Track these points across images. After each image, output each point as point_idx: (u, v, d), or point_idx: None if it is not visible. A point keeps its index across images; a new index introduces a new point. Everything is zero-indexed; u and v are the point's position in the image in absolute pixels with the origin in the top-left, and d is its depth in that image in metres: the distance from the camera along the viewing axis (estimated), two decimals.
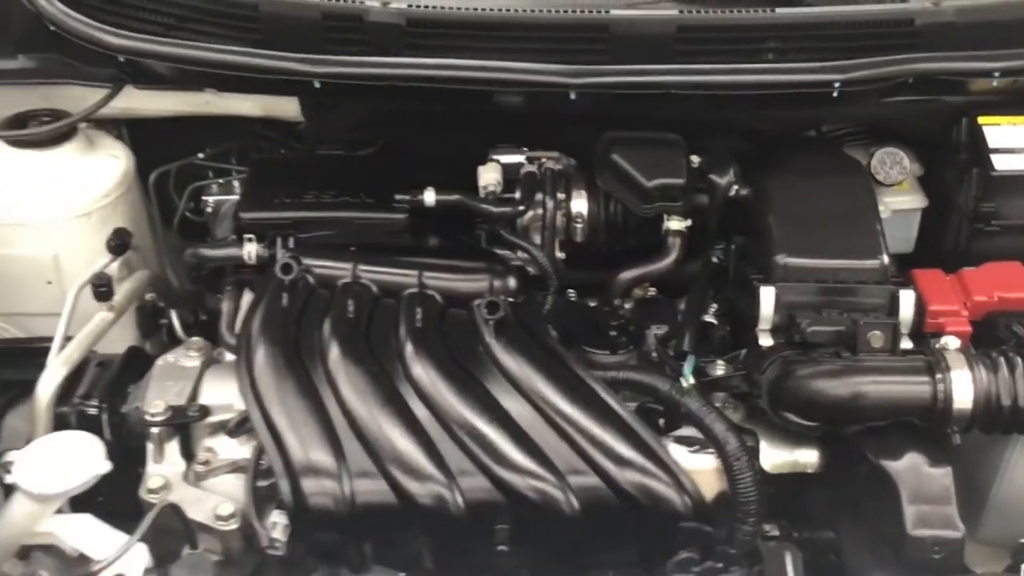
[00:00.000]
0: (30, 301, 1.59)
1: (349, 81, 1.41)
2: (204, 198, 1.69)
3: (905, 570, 1.17)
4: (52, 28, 1.51)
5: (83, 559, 1.19)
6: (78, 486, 1.17)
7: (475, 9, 1.41)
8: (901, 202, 1.56)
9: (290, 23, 1.42)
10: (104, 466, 1.19)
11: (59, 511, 1.22)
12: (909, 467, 1.20)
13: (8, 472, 1.19)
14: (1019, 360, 1.21)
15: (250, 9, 1.44)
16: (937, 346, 1.25)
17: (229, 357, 1.49)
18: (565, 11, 1.41)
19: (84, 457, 1.20)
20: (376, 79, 1.41)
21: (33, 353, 1.47)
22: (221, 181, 1.72)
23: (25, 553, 1.23)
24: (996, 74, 1.40)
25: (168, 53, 1.45)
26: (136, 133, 1.72)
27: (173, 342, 1.59)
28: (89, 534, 1.20)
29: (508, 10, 1.40)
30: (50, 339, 1.46)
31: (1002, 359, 1.21)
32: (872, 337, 1.23)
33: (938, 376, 1.20)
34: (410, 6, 1.41)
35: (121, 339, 1.55)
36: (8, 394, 1.42)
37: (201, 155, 1.72)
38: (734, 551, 1.16)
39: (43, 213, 1.56)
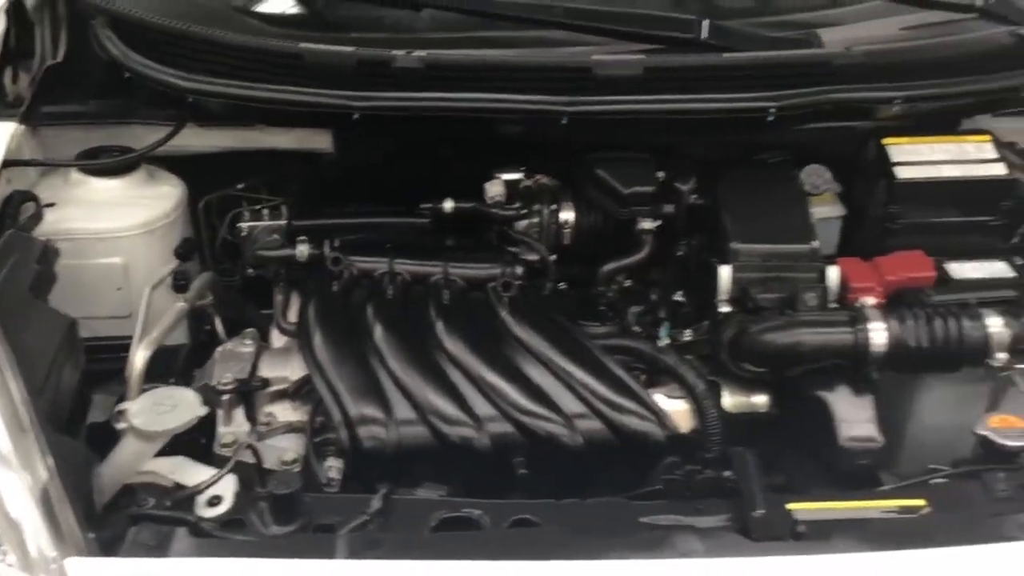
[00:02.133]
0: (101, 306, 1.84)
1: (382, 112, 1.73)
2: (239, 224, 1.98)
3: (839, 476, 1.49)
4: (127, 75, 1.82)
5: (179, 489, 1.45)
6: (181, 424, 1.44)
7: (483, 54, 1.76)
8: (824, 211, 1.91)
9: (331, 67, 1.75)
10: (202, 409, 1.46)
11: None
12: (839, 395, 1.53)
13: (123, 420, 1.46)
14: (922, 313, 1.56)
15: (295, 57, 1.77)
16: (857, 304, 1.59)
17: (277, 345, 1.79)
18: (559, 54, 1.77)
19: (184, 404, 1.47)
20: (403, 111, 1.73)
21: (108, 349, 1.74)
22: (256, 208, 2.01)
23: (126, 492, 1.49)
24: (896, 102, 1.78)
25: (232, 92, 1.76)
26: (186, 167, 2.02)
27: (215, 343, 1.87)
28: (185, 469, 1.48)
29: (512, 54, 1.75)
30: (120, 338, 1.75)
31: (908, 312, 1.56)
32: (807, 298, 1.57)
33: (859, 326, 1.54)
34: (429, 53, 1.76)
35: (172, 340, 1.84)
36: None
37: (240, 186, 2.03)
38: (709, 456, 1.47)
39: (115, 228, 1.85)
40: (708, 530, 1.26)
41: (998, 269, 1.75)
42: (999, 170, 1.82)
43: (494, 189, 1.81)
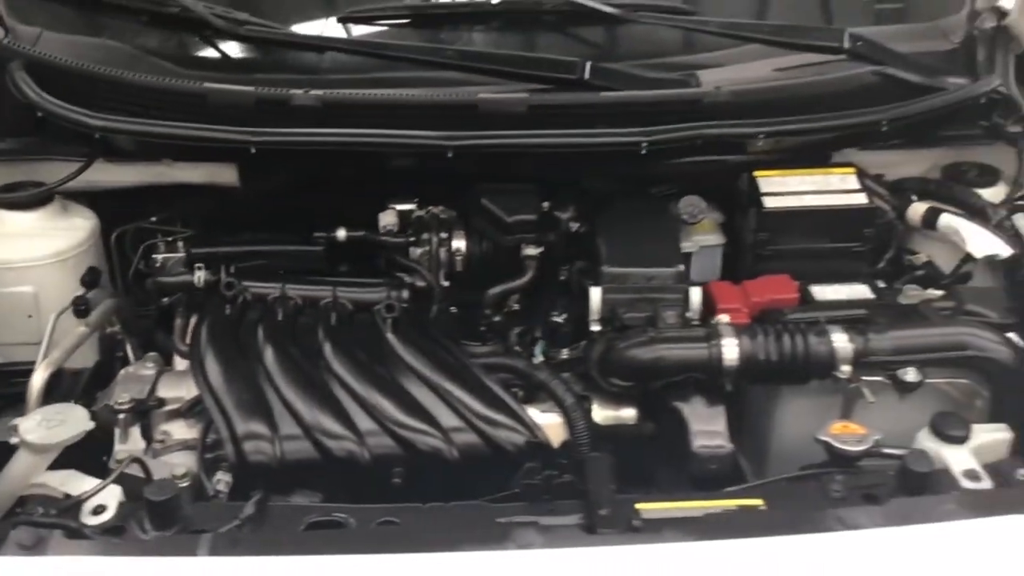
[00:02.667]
0: (13, 333, 1.94)
1: (278, 147, 1.84)
2: (154, 256, 2.08)
3: (692, 480, 1.59)
4: (40, 114, 1.92)
5: (68, 499, 1.53)
6: (71, 437, 1.52)
7: (376, 93, 1.88)
8: (705, 240, 2.02)
9: (232, 105, 1.86)
10: (89, 424, 1.55)
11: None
12: (693, 406, 1.63)
13: (15, 435, 1.54)
14: (773, 329, 1.67)
15: (200, 96, 1.88)
16: (713, 322, 1.70)
17: (180, 367, 1.87)
18: (448, 93, 1.89)
19: (73, 419, 1.55)
20: (300, 145, 1.84)
21: (21, 374, 1.83)
22: (169, 240, 2.11)
23: (20, 504, 1.56)
24: (761, 137, 1.91)
25: (136, 129, 1.86)
26: (99, 201, 2.11)
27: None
28: (75, 481, 1.55)
29: (402, 93, 1.87)
30: (32, 364, 1.83)
31: (760, 329, 1.67)
32: (666, 316, 1.68)
33: (713, 342, 1.65)
34: (325, 92, 1.88)
35: (85, 361, 1.92)
36: None
37: (153, 219, 2.12)
38: (565, 462, 1.57)
39: (27, 258, 1.94)
40: (552, 526, 1.35)
41: (858, 291, 1.87)
42: (860, 199, 1.95)
43: (387, 219, 1.92)
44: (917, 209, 2.01)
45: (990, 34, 2.11)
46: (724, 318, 1.71)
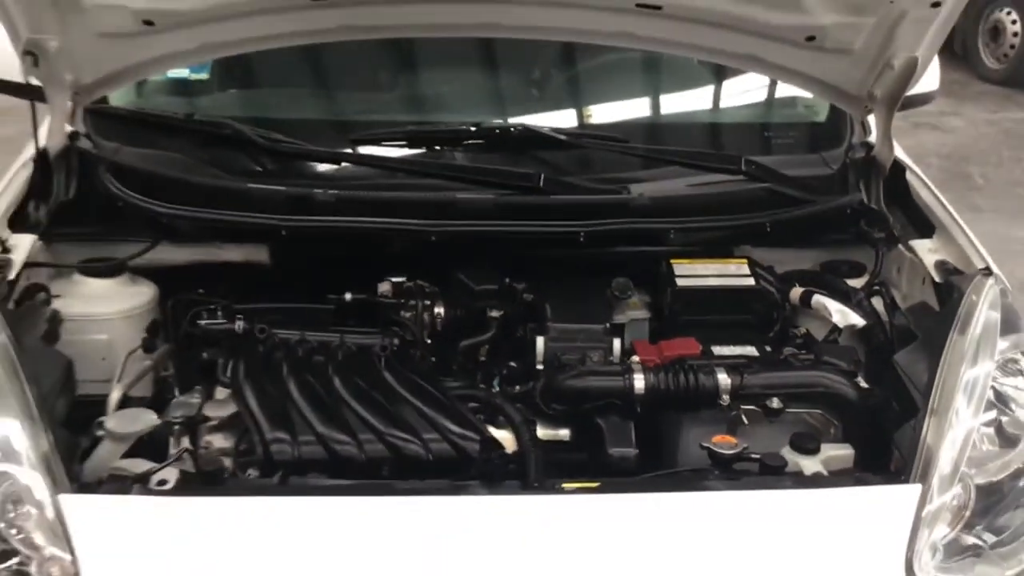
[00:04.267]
0: (89, 371, 2.43)
1: (302, 231, 2.43)
2: (199, 321, 2.62)
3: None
4: (120, 204, 2.51)
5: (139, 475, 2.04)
6: (142, 430, 2.05)
7: (379, 193, 2.48)
8: (635, 314, 2.58)
9: (267, 200, 2.47)
10: (156, 420, 2.08)
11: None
12: (610, 422, 2.16)
13: (101, 429, 2.07)
14: (671, 368, 2.21)
15: (243, 194, 2.48)
16: (627, 361, 2.25)
17: (218, 397, 2.40)
18: (433, 193, 2.49)
19: (143, 418, 2.09)
20: (319, 230, 2.43)
21: (88, 404, 2.35)
22: (212, 306, 2.65)
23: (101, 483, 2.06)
24: (671, 231, 2.50)
25: (195, 216, 2.45)
26: (159, 274, 2.67)
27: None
28: (141, 467, 2.06)
29: (396, 193, 2.47)
30: (101, 396, 2.36)
31: (662, 368, 2.21)
32: (594, 356, 2.24)
33: (626, 375, 2.19)
34: (340, 191, 2.48)
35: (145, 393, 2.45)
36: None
37: (200, 290, 2.68)
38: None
39: (103, 313, 2.49)
40: (497, 486, 1.88)
41: (747, 350, 2.41)
42: (750, 283, 2.52)
43: (383, 287, 2.49)
44: (796, 292, 2.57)
45: (860, 163, 2.74)
46: (636, 359, 2.26)
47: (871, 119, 2.69)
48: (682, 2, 2.39)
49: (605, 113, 3.02)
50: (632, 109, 3.07)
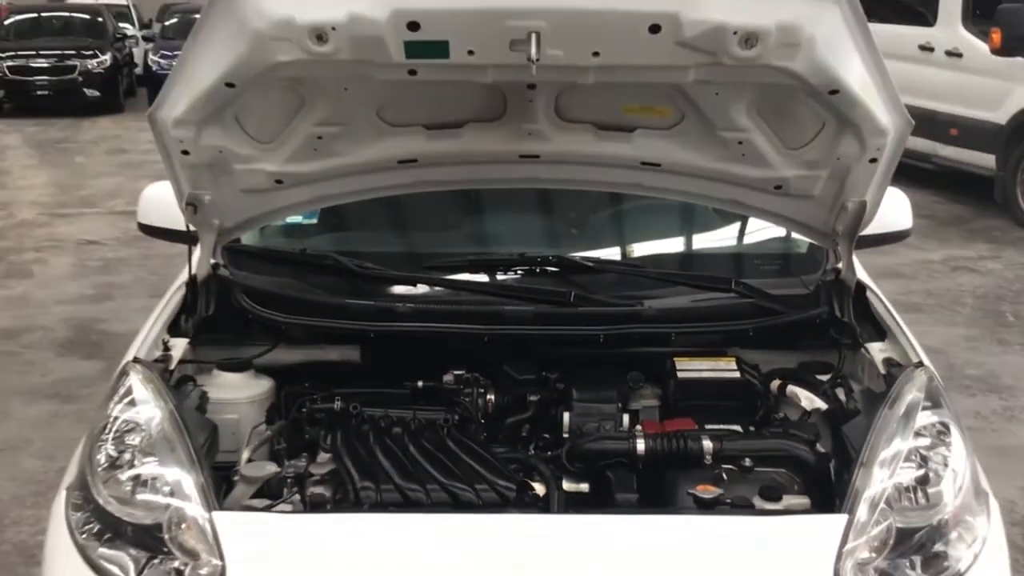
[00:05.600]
0: (223, 443, 3.20)
1: (387, 334, 3.18)
2: (303, 408, 3.36)
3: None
4: (250, 316, 3.31)
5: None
6: (267, 475, 2.77)
7: (445, 306, 3.24)
8: (647, 402, 3.25)
9: (361, 312, 3.24)
10: (275, 469, 2.80)
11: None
12: (617, 474, 2.81)
13: (238, 475, 2.79)
14: (667, 436, 2.87)
15: (342, 306, 3.26)
16: (632, 430, 2.92)
17: (319, 460, 3.11)
18: (487, 306, 3.24)
19: (267, 467, 2.81)
20: (399, 333, 3.19)
21: (220, 468, 3.07)
22: (314, 396, 3.39)
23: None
24: (673, 334, 3.20)
25: (306, 324, 3.24)
26: (275, 371, 3.43)
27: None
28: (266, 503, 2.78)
29: (458, 306, 3.23)
30: (230, 463, 3.09)
31: (660, 435, 2.87)
32: (606, 426, 2.91)
33: (630, 440, 2.86)
34: (416, 304, 3.25)
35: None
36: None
37: (306, 384, 3.43)
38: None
39: (235, 398, 3.24)
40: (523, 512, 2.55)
41: (733, 428, 3.06)
42: (736, 376, 3.19)
43: (447, 377, 3.22)
44: (775, 384, 3.23)
45: (831, 284, 3.42)
46: (639, 428, 2.93)
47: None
48: (675, 160, 3.17)
49: (626, 246, 3.79)
50: (648, 244, 3.84)
